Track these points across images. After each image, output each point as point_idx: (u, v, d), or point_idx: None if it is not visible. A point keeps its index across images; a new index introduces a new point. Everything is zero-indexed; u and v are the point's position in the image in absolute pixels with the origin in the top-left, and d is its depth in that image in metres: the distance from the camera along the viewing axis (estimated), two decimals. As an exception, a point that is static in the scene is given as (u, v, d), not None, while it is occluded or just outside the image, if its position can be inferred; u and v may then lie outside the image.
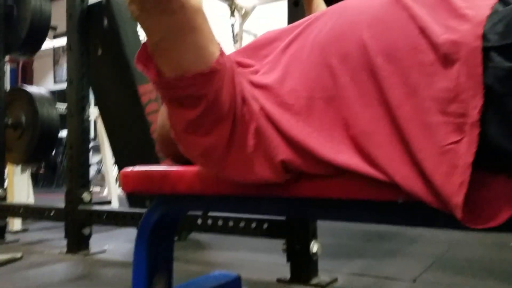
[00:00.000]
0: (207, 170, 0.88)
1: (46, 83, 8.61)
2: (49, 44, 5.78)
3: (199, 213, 1.95)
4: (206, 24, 0.70)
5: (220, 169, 0.82)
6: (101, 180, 6.84)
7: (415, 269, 1.86)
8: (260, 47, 0.93)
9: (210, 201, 1.07)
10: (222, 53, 0.72)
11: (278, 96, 0.79)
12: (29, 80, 9.75)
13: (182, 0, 0.65)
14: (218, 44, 0.72)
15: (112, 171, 4.16)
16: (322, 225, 1.79)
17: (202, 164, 0.87)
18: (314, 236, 1.70)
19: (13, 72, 8.39)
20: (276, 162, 0.78)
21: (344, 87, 0.74)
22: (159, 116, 1.15)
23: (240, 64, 0.89)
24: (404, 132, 0.67)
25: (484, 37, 0.61)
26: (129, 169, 1.17)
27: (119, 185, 3.81)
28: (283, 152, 0.77)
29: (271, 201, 0.96)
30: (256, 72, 0.87)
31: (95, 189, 6.54)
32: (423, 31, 0.68)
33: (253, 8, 4.60)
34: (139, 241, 1.16)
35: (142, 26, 0.69)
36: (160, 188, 1.08)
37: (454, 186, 0.61)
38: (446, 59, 0.64)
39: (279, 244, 1.73)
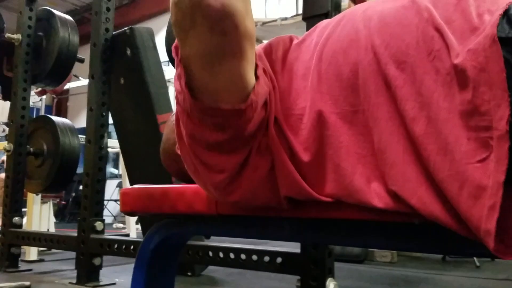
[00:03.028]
0: (209, 192, 0.81)
1: (80, 121, 8.84)
2: (84, 82, 5.93)
3: (209, 244, 1.86)
4: (251, 50, 0.65)
5: (225, 193, 0.76)
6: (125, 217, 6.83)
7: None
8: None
9: (211, 224, 0.99)
10: (260, 76, 0.67)
11: (287, 116, 0.73)
12: (63, 117, 10.05)
13: (236, 22, 0.60)
14: (257, 65, 0.67)
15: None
16: (341, 267, 1.68)
17: (203, 184, 0.80)
18: (330, 273, 1.59)
19: (48, 108, 8.67)
20: (281, 196, 0.74)
21: (363, 100, 0.67)
22: (165, 130, 1.10)
23: None
24: (420, 148, 0.59)
25: (502, 40, 0.53)
26: (129, 187, 1.12)
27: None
28: (288, 189, 0.73)
29: (278, 224, 0.88)
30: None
31: (119, 225, 6.53)
32: (438, 36, 0.61)
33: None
34: (137, 269, 1.09)
35: (180, 33, 0.63)
36: (159, 207, 1.02)
37: (483, 210, 0.51)
38: (462, 67, 0.56)
39: (294, 284, 1.61)
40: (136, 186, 1.09)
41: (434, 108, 0.58)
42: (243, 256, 1.73)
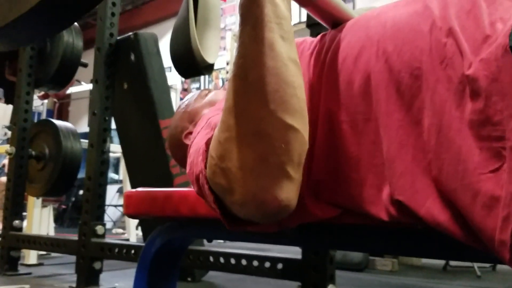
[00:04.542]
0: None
1: (81, 125, 8.86)
2: (86, 87, 5.95)
3: (210, 249, 1.86)
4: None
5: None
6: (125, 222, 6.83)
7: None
8: None
9: (213, 228, 0.99)
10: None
11: None
12: (64, 121, 10.06)
13: (291, 210, 0.61)
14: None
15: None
16: (342, 275, 1.67)
17: None
18: (331, 280, 1.58)
19: (49, 112, 8.68)
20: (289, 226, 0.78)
21: (375, 108, 0.66)
22: (174, 117, 1.11)
23: None
24: (432, 158, 0.58)
25: None
26: (133, 190, 1.12)
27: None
28: (299, 222, 0.75)
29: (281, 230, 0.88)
30: None
31: (118, 230, 6.53)
32: (451, 43, 0.59)
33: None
34: (139, 272, 1.09)
35: (222, 197, 0.64)
36: (162, 210, 1.03)
37: (497, 220, 0.50)
38: (474, 77, 0.55)
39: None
40: (140, 189, 1.09)
41: (446, 117, 0.57)
42: (244, 262, 1.73)
